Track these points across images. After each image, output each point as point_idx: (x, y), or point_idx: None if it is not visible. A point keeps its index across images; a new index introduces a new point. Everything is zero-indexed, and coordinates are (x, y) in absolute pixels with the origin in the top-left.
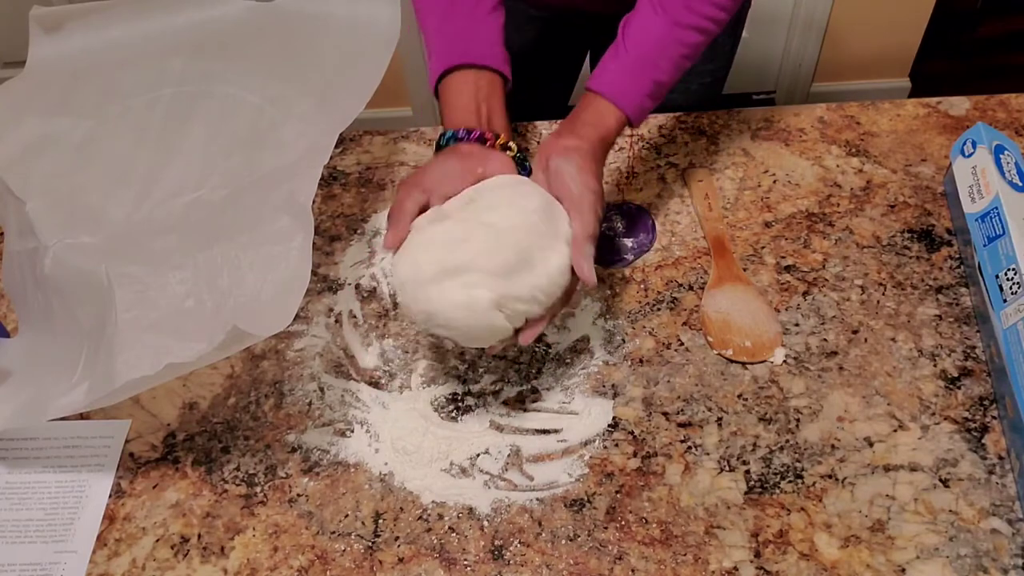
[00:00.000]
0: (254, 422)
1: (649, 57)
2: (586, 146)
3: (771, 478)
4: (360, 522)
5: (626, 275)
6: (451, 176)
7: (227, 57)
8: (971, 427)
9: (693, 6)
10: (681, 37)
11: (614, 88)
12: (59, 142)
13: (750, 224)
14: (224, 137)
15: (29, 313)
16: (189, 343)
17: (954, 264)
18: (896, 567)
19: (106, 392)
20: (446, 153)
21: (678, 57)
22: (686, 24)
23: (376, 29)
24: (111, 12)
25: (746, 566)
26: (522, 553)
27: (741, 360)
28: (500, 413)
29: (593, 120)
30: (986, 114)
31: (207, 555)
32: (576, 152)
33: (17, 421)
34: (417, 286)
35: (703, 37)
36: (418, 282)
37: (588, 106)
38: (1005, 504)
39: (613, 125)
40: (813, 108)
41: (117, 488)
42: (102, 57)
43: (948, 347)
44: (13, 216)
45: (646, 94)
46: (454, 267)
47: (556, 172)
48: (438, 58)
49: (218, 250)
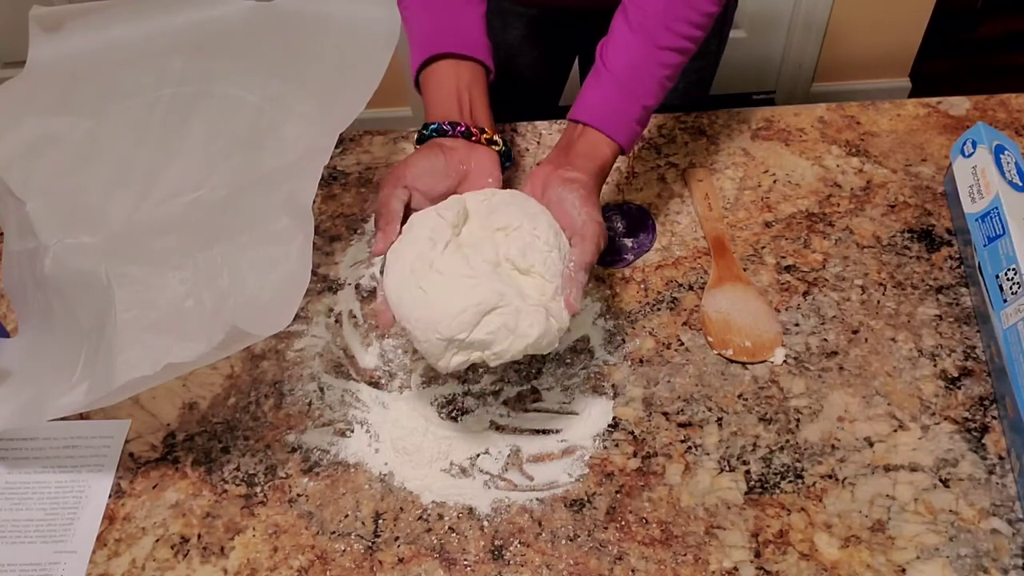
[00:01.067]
0: (254, 422)
1: (633, 82)
2: (586, 178)
3: (771, 478)
4: (360, 522)
5: (626, 275)
6: (435, 173)
7: (227, 57)
8: (971, 427)
9: (670, 25)
10: (661, 59)
11: (605, 119)
12: (59, 142)
13: (750, 224)
14: (224, 137)
15: (29, 313)
16: (189, 343)
17: (954, 264)
18: (896, 567)
19: (106, 392)
20: (430, 147)
21: (661, 79)
22: (664, 45)
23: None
24: (111, 12)
25: (746, 566)
26: (522, 553)
27: (741, 360)
28: (500, 413)
29: (588, 152)
30: (986, 114)
31: (207, 555)
32: (578, 184)
33: (17, 421)
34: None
35: (682, 57)
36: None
37: (580, 137)
38: (1005, 504)
39: (608, 156)
40: (813, 108)
41: (117, 488)
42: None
43: (948, 347)
44: (13, 216)
45: (635, 120)
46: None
47: (558, 201)
48: (419, 48)
49: (218, 250)
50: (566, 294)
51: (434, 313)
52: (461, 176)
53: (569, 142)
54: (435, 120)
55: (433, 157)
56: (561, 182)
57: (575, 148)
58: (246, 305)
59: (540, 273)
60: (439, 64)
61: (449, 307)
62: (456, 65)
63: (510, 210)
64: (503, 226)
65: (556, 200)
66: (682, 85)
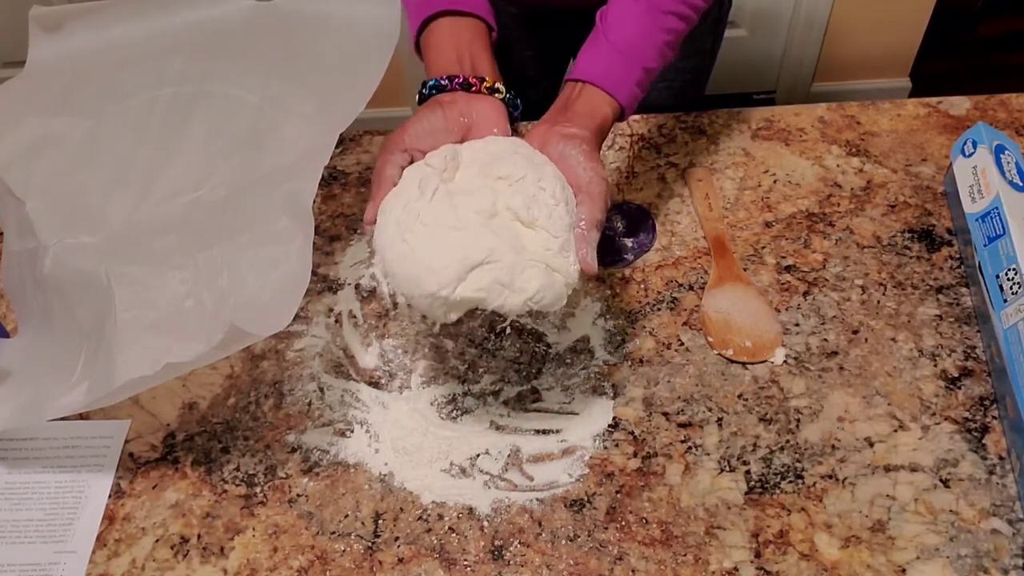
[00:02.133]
0: (254, 422)
1: (635, 46)
2: (587, 135)
3: (771, 478)
4: (360, 522)
5: (626, 275)
6: (434, 131)
7: (227, 57)
8: (971, 427)
9: None
10: (663, 23)
11: (606, 77)
12: (59, 142)
13: (750, 224)
14: (224, 137)
15: (29, 313)
16: (189, 343)
17: (954, 264)
18: (896, 567)
19: (106, 392)
20: (428, 105)
21: (661, 44)
22: (666, 10)
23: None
24: (111, 12)
25: (746, 566)
26: (522, 553)
27: (741, 360)
28: (500, 413)
29: (588, 111)
30: (986, 114)
31: (207, 555)
32: (580, 139)
33: (17, 421)
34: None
35: (683, 25)
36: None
37: (578, 97)
38: (1005, 504)
39: (608, 115)
40: (813, 108)
41: (117, 488)
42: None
43: (948, 347)
44: (13, 216)
45: (636, 82)
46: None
47: (559, 157)
48: (415, 11)
49: (218, 250)
50: (582, 254)
51: (418, 269)
52: (464, 130)
53: (567, 102)
54: (433, 77)
55: (431, 115)
56: (561, 138)
57: (574, 107)
58: (246, 305)
59: (545, 227)
60: (437, 23)
61: (432, 262)
62: (455, 22)
63: (514, 159)
64: (505, 175)
65: (558, 156)
66: (677, 84)
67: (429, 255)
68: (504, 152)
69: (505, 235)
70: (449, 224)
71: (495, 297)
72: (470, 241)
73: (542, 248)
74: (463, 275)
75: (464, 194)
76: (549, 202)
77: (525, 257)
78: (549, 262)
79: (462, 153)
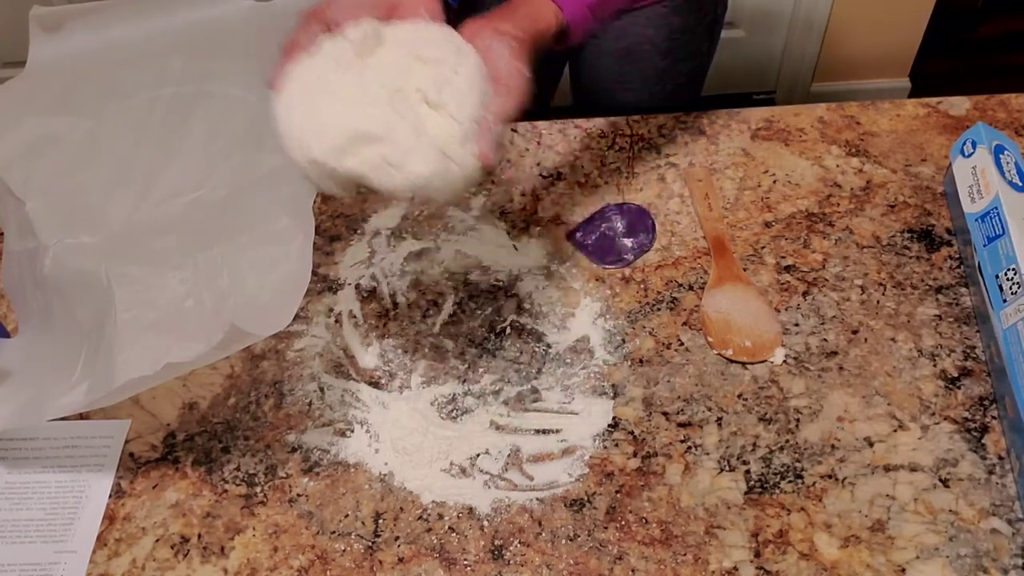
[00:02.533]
0: (254, 422)
1: None
2: (522, 35)
3: (771, 478)
4: (360, 522)
5: (626, 275)
6: (359, 5)
7: (227, 57)
8: (971, 427)
9: None
10: None
11: None
12: (59, 142)
13: (750, 224)
14: (224, 137)
15: (29, 313)
16: (189, 343)
17: (954, 264)
18: (896, 567)
19: (106, 392)
20: None
21: None
22: None
23: None
24: (111, 12)
25: (746, 566)
26: (522, 553)
27: (741, 360)
28: (500, 413)
29: (530, 14)
30: (986, 114)
31: (207, 555)
32: (512, 37)
33: (17, 421)
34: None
35: None
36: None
37: (524, 2)
38: (1005, 504)
39: (551, 23)
40: (813, 108)
41: (117, 488)
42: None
43: (948, 347)
44: (13, 216)
45: (587, 3)
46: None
47: (487, 50)
48: None
49: (218, 250)
50: (482, 144)
51: (306, 135)
52: (389, 7)
53: (512, 6)
54: None
55: None
56: (492, 32)
57: (518, 11)
58: (246, 305)
59: (451, 113)
60: None
61: (323, 129)
62: None
63: (438, 41)
64: (424, 57)
65: (484, 48)
66: (670, 87)
67: (323, 122)
68: (429, 36)
69: (409, 116)
70: (352, 96)
71: (381, 176)
72: (368, 114)
73: (445, 133)
74: (350, 147)
75: (376, 69)
76: (462, 87)
77: (424, 141)
78: (447, 149)
79: (387, 34)
